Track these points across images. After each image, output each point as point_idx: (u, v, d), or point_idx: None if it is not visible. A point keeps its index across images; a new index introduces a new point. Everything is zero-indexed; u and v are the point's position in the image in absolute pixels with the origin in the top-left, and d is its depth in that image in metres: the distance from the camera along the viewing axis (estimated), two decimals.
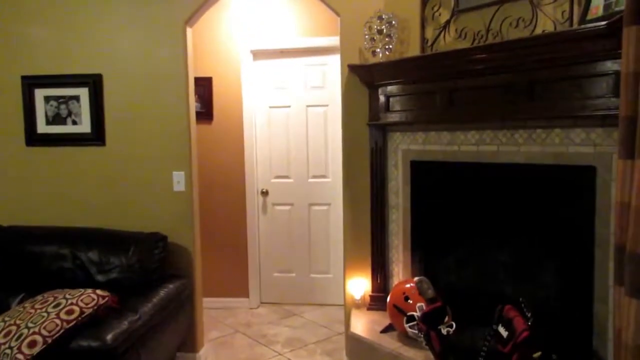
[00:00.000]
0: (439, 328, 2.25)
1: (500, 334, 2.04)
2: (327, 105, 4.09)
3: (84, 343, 2.14)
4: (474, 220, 2.55)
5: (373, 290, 2.94)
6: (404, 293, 2.51)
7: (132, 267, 2.74)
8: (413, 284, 2.51)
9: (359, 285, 2.97)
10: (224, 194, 4.19)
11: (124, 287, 2.66)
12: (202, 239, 3.57)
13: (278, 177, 4.22)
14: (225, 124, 4.14)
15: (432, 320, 2.28)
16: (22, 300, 2.64)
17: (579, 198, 2.08)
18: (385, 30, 2.69)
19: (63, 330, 2.16)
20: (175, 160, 3.06)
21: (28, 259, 2.82)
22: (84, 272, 2.76)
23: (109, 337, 2.16)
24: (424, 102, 2.59)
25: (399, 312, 2.48)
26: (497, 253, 2.49)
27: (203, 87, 4.06)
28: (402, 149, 2.79)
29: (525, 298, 2.08)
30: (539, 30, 2.18)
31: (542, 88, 2.10)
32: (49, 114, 3.12)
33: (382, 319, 2.75)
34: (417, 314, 2.39)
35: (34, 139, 3.14)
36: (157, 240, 2.85)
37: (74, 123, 3.10)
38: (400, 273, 2.84)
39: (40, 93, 3.10)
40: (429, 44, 2.64)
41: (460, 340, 2.28)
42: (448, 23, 2.55)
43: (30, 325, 2.16)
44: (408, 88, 2.66)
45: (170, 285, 2.78)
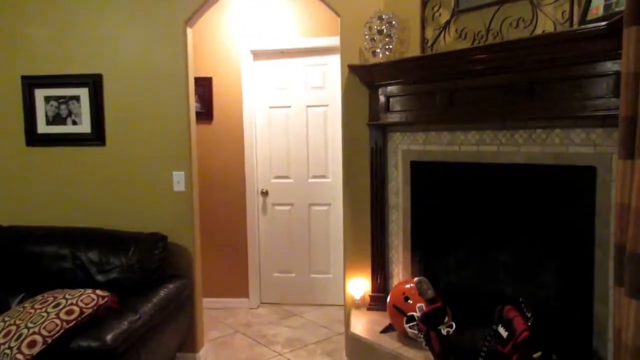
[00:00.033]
0: (439, 328, 2.25)
1: (500, 334, 2.04)
2: (327, 106, 4.09)
3: (84, 343, 2.14)
4: (474, 221, 2.56)
5: (373, 291, 2.94)
6: (404, 293, 2.51)
7: (132, 267, 2.74)
8: (413, 284, 2.51)
9: (359, 286, 2.97)
10: (224, 194, 4.19)
11: (124, 287, 2.66)
12: (202, 239, 3.58)
13: (278, 177, 4.23)
14: (226, 124, 4.15)
15: (432, 321, 2.28)
16: (22, 300, 2.64)
17: (579, 198, 2.08)
18: (386, 31, 2.69)
19: (63, 331, 2.16)
20: (175, 160, 3.06)
21: (28, 259, 2.82)
22: (84, 272, 2.76)
23: (109, 337, 2.16)
24: (424, 102, 2.59)
25: (399, 312, 2.48)
26: (497, 253, 2.49)
27: (203, 87, 4.06)
28: (402, 149, 2.79)
29: (525, 298, 2.08)
30: (539, 31, 2.18)
31: (542, 88, 2.10)
32: (49, 114, 3.12)
33: (382, 319, 2.75)
34: (417, 314, 2.39)
35: (34, 139, 3.14)
36: (157, 241, 2.85)
37: (74, 123, 3.10)
38: (400, 273, 2.84)
39: (41, 93, 3.10)
40: (429, 44, 2.64)
41: (460, 341, 2.28)
42: (448, 23, 2.55)
43: (30, 325, 2.17)
44: (408, 88, 2.66)
45: (170, 286, 2.78)
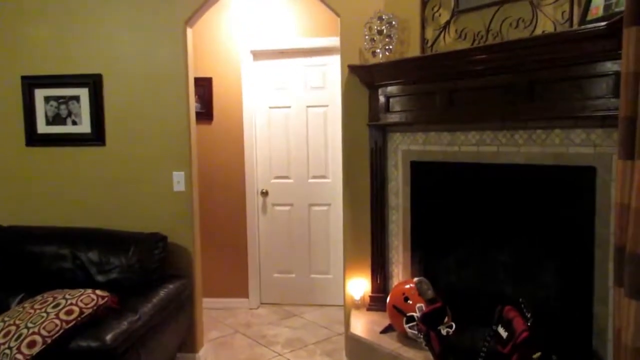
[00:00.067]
0: (439, 329, 2.25)
1: (500, 335, 2.04)
2: (327, 106, 4.09)
3: (84, 343, 2.14)
4: (474, 221, 2.55)
5: (373, 291, 2.94)
6: (404, 294, 2.51)
7: (132, 267, 2.74)
8: (413, 285, 2.51)
9: (359, 286, 2.97)
10: (224, 194, 4.19)
11: (124, 287, 2.66)
12: (202, 239, 3.58)
13: (278, 177, 4.22)
14: (225, 124, 4.15)
15: (431, 321, 2.27)
16: (21, 301, 2.64)
17: (579, 198, 2.07)
18: (386, 31, 2.69)
19: (62, 331, 2.16)
20: (175, 161, 3.06)
21: (28, 259, 2.82)
22: (84, 272, 2.76)
23: (109, 337, 2.16)
24: (424, 102, 2.59)
25: (399, 312, 2.48)
26: (497, 253, 2.49)
27: (203, 87, 4.06)
28: (402, 150, 2.79)
29: (525, 298, 2.08)
30: (539, 31, 2.18)
31: (542, 88, 2.10)
32: (49, 114, 3.12)
33: (381, 320, 2.75)
34: (416, 315, 2.39)
35: (34, 139, 3.14)
36: (157, 241, 2.85)
37: (74, 123, 3.10)
38: (400, 274, 2.84)
39: (40, 93, 3.10)
40: (429, 45, 2.64)
41: (460, 341, 2.28)
42: (448, 23, 2.55)
43: (30, 326, 2.16)
44: (408, 88, 2.66)
45: (170, 286, 2.78)
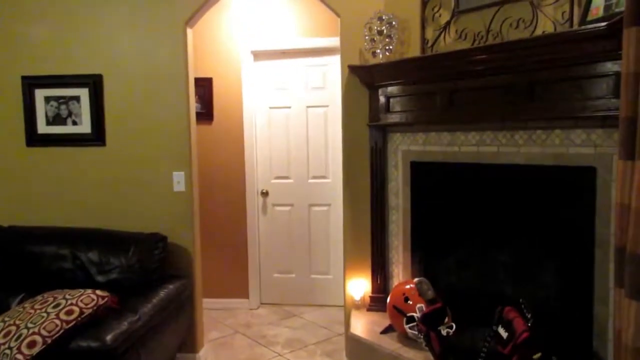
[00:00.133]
0: (439, 329, 2.24)
1: (500, 335, 2.04)
2: (327, 106, 4.09)
3: (84, 343, 2.14)
4: (474, 221, 2.55)
5: (373, 291, 2.94)
6: (404, 294, 2.51)
7: (132, 267, 2.74)
8: (413, 285, 2.51)
9: (359, 286, 2.97)
10: (224, 195, 4.19)
11: (124, 287, 2.66)
12: (202, 240, 3.57)
13: (278, 177, 4.22)
14: (226, 125, 4.14)
15: (432, 321, 2.27)
16: (22, 301, 2.64)
17: (580, 199, 2.07)
18: (386, 31, 2.69)
19: (63, 331, 2.16)
20: (176, 161, 3.06)
21: (28, 259, 2.82)
22: (84, 272, 2.76)
23: (109, 337, 2.16)
24: (424, 102, 2.59)
25: (399, 313, 2.48)
26: (497, 254, 2.49)
27: (203, 87, 4.06)
28: (402, 150, 2.79)
29: (526, 299, 2.08)
30: (539, 31, 2.18)
31: (542, 89, 2.10)
32: (49, 115, 3.12)
33: (382, 320, 2.75)
34: (417, 315, 2.39)
35: (35, 140, 3.14)
36: (157, 241, 2.85)
37: (74, 123, 3.10)
38: (400, 274, 2.84)
39: (41, 93, 3.10)
40: (429, 45, 2.64)
41: (460, 341, 2.28)
42: (448, 24, 2.55)
43: (30, 326, 2.16)
44: (408, 89, 2.66)
45: (170, 286, 2.78)
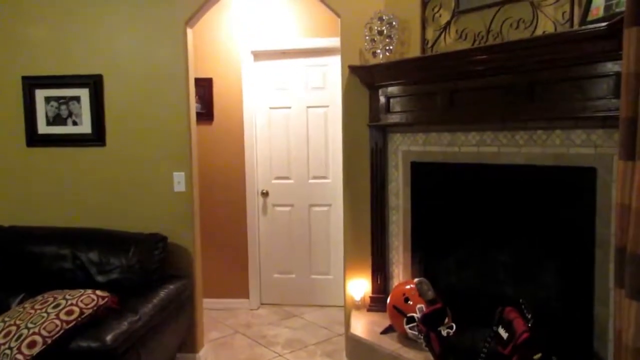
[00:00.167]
0: (439, 329, 2.24)
1: (501, 336, 2.04)
2: (327, 106, 4.09)
3: (84, 344, 2.14)
4: (475, 222, 2.55)
5: (373, 292, 2.94)
6: (404, 294, 2.50)
7: (132, 267, 2.74)
8: (413, 285, 2.50)
9: (359, 287, 2.97)
10: (224, 195, 4.19)
11: (124, 287, 2.66)
12: (202, 240, 3.57)
13: (278, 178, 4.22)
14: (226, 125, 4.15)
15: (432, 322, 2.27)
16: (22, 301, 2.64)
17: (580, 199, 2.07)
18: (386, 31, 2.69)
19: (63, 331, 2.16)
20: (176, 161, 3.06)
21: (28, 259, 2.82)
22: (84, 272, 2.76)
23: (109, 337, 2.16)
24: (425, 103, 2.59)
25: (399, 313, 2.48)
26: (497, 254, 2.49)
27: (203, 87, 4.06)
28: (402, 150, 2.79)
29: (526, 299, 2.08)
30: (540, 32, 2.18)
31: (542, 89, 2.10)
32: (50, 115, 3.12)
33: (382, 320, 2.75)
34: (417, 315, 2.39)
35: (35, 140, 3.14)
36: (157, 241, 2.85)
37: (75, 124, 3.10)
38: (401, 274, 2.84)
39: (41, 94, 3.10)
40: (430, 45, 2.63)
41: (460, 342, 2.28)
42: (448, 24, 2.55)
43: (30, 326, 2.16)
44: (408, 89, 2.66)
45: (171, 286, 2.78)
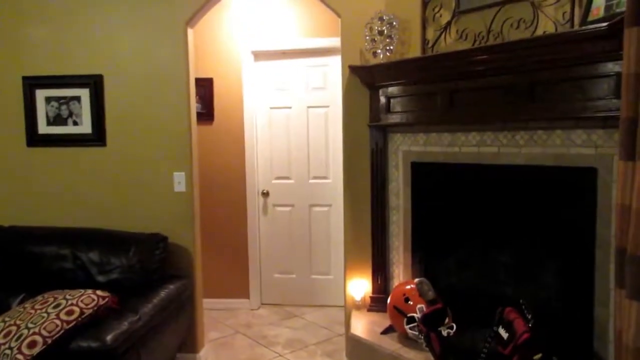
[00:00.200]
0: (439, 329, 2.24)
1: (501, 336, 2.04)
2: (328, 107, 4.09)
3: (84, 344, 2.14)
4: (475, 222, 2.55)
5: (373, 292, 2.94)
6: (405, 294, 2.50)
7: (132, 267, 2.74)
8: (413, 286, 2.50)
9: (360, 287, 2.97)
10: (225, 195, 4.19)
11: (125, 287, 2.66)
12: (202, 240, 3.57)
13: (279, 178, 4.22)
14: (226, 125, 4.15)
15: (432, 322, 2.27)
16: (22, 301, 2.64)
17: (580, 199, 2.07)
18: (386, 31, 2.69)
19: (63, 331, 2.16)
20: (176, 161, 3.06)
21: (28, 259, 2.82)
22: (85, 272, 2.76)
23: (109, 337, 2.16)
24: (425, 103, 2.59)
25: (399, 313, 2.47)
26: (497, 254, 2.49)
27: (204, 87, 4.06)
28: (402, 150, 2.79)
29: (526, 300, 2.08)
30: (540, 32, 2.18)
31: (543, 89, 2.10)
32: (50, 115, 3.12)
33: (382, 321, 2.74)
34: (417, 316, 2.39)
35: (35, 140, 3.14)
36: (157, 241, 2.85)
37: (75, 124, 3.10)
38: (401, 274, 2.84)
39: (41, 94, 3.11)
40: (430, 45, 2.63)
41: (461, 342, 2.28)
42: (449, 24, 2.55)
43: (30, 326, 2.17)
44: (409, 89, 2.66)
45: (171, 286, 2.78)
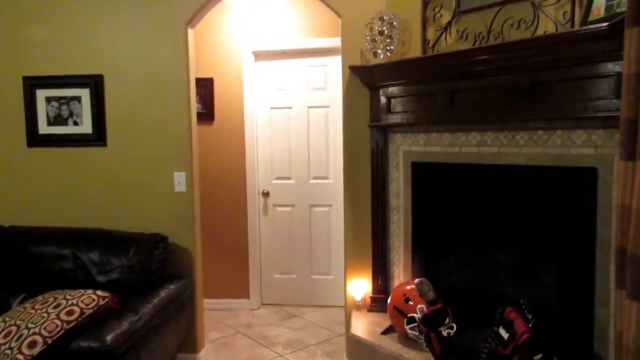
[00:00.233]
0: (440, 330, 2.24)
1: (501, 336, 2.04)
2: (328, 107, 4.09)
3: (84, 344, 2.15)
4: (475, 222, 2.55)
5: (374, 292, 2.94)
6: (405, 294, 2.50)
7: (132, 267, 2.74)
8: (414, 286, 2.50)
9: (360, 287, 2.97)
10: (225, 195, 4.19)
11: (125, 287, 2.66)
12: (202, 240, 3.57)
13: (279, 178, 4.22)
14: (227, 125, 4.15)
15: (432, 322, 2.27)
16: (22, 301, 2.64)
17: (580, 200, 2.07)
18: (387, 32, 2.69)
19: (63, 331, 2.16)
20: (176, 161, 3.06)
21: (29, 259, 2.82)
22: (85, 272, 2.76)
23: (109, 337, 2.16)
24: (425, 103, 2.59)
25: (400, 313, 2.47)
26: (498, 254, 2.49)
27: (204, 88, 4.06)
28: (403, 150, 2.79)
29: (526, 300, 2.08)
30: (541, 32, 2.17)
31: (543, 89, 2.10)
32: (50, 115, 3.12)
33: (382, 321, 2.74)
34: (417, 316, 2.39)
35: (36, 140, 3.15)
36: (157, 241, 2.85)
37: (75, 124, 3.10)
38: (401, 274, 2.84)
39: (42, 94, 3.11)
40: (430, 45, 2.63)
41: (461, 342, 2.27)
42: (449, 24, 2.55)
43: (31, 326, 2.17)
44: (409, 89, 2.66)
45: (171, 286, 2.78)
